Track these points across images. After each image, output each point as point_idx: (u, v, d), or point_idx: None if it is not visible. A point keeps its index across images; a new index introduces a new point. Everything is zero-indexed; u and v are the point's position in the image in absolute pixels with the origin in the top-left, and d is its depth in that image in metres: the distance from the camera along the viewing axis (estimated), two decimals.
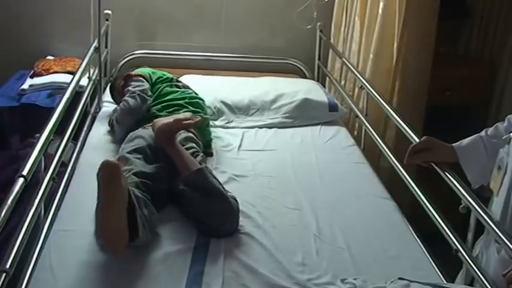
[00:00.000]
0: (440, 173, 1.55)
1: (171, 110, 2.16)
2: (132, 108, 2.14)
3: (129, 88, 2.23)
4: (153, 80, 2.34)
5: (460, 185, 1.45)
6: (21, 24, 2.92)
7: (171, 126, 1.82)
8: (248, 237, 1.62)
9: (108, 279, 1.40)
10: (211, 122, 2.46)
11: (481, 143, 1.50)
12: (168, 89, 2.31)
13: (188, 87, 2.41)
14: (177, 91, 2.31)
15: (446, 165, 1.54)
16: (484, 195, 1.50)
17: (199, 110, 2.23)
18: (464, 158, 1.51)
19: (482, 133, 1.53)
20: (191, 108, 2.20)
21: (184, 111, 2.15)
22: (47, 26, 2.96)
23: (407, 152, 1.59)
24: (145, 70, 2.40)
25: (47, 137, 1.60)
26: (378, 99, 2.17)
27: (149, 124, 1.99)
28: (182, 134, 1.95)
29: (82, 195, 1.75)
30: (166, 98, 2.24)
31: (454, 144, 1.55)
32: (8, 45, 2.92)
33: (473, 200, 1.38)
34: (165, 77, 2.40)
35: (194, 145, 1.94)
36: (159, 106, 2.19)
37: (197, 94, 2.37)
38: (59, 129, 1.79)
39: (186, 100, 2.24)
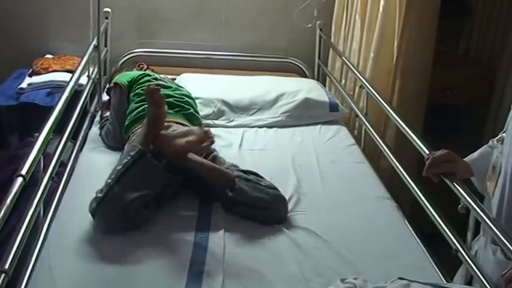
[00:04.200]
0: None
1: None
2: (109, 135, 2.19)
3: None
4: (133, 84, 2.32)
5: (459, 185, 1.45)
6: (20, 22, 2.92)
7: (183, 150, 1.74)
8: (248, 236, 1.63)
9: (108, 280, 1.39)
10: (211, 121, 2.47)
11: (490, 150, 1.49)
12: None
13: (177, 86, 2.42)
14: (170, 87, 2.32)
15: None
16: (483, 195, 1.50)
17: (190, 108, 2.22)
18: (477, 169, 1.49)
19: (490, 142, 1.51)
20: (186, 106, 2.19)
21: (177, 110, 2.14)
22: (46, 24, 2.95)
23: (428, 163, 1.51)
24: (121, 78, 2.36)
25: (46, 137, 1.59)
26: (377, 98, 2.16)
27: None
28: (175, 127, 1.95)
29: (81, 195, 1.74)
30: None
31: (466, 159, 1.52)
32: (6, 43, 2.91)
33: (472, 200, 1.37)
34: (146, 75, 2.39)
35: None
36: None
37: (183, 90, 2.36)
38: (58, 128, 1.78)
39: (185, 99, 2.23)
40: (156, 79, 2.38)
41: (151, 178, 1.68)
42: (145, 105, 2.12)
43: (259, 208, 1.71)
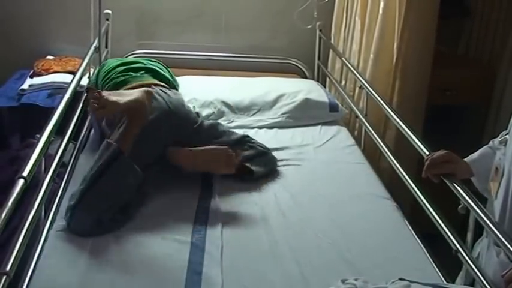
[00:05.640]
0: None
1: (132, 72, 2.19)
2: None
3: None
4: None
5: (459, 186, 1.45)
6: (21, 23, 2.92)
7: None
8: (246, 235, 1.64)
9: (108, 280, 1.40)
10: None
11: (490, 151, 1.49)
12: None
13: None
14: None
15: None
16: (484, 196, 1.50)
17: (154, 68, 2.28)
18: (477, 169, 1.50)
19: (490, 143, 1.52)
20: (148, 67, 2.26)
21: (143, 73, 2.19)
22: (47, 25, 2.96)
23: (427, 164, 1.51)
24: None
25: (47, 138, 1.60)
26: (377, 99, 2.16)
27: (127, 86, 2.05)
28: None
29: None
30: (131, 66, 2.25)
31: (466, 159, 1.53)
32: (7, 44, 2.92)
33: (472, 201, 1.37)
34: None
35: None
36: (121, 69, 2.20)
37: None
38: (59, 130, 1.79)
39: (148, 65, 2.29)
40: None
41: (126, 180, 1.65)
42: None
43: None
